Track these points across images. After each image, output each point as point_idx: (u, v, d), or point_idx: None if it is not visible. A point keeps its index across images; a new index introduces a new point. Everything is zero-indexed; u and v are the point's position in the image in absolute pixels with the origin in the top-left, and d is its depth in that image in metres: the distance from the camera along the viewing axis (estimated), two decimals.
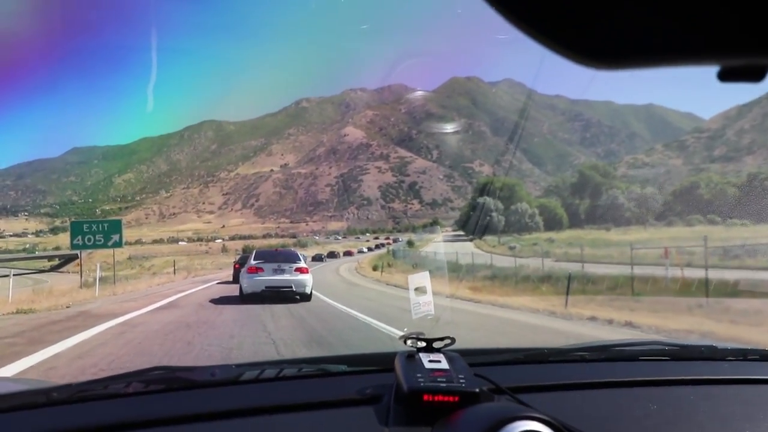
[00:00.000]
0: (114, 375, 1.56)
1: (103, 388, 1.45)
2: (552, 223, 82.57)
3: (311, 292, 14.53)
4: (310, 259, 65.22)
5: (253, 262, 14.55)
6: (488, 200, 75.37)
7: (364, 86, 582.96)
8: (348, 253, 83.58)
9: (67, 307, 14.53)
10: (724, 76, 0.39)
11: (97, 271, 22.69)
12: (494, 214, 76.89)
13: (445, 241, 77.18)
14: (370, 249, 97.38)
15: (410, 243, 71.01)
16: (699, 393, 1.47)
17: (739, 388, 1.52)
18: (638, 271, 18.75)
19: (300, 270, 14.29)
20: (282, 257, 14.81)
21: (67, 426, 1.25)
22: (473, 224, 70.71)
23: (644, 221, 73.37)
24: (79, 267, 28.30)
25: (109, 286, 22.93)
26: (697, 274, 15.34)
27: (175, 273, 40.06)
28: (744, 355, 1.79)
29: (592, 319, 10.56)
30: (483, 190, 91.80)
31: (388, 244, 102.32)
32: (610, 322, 10.10)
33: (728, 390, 1.50)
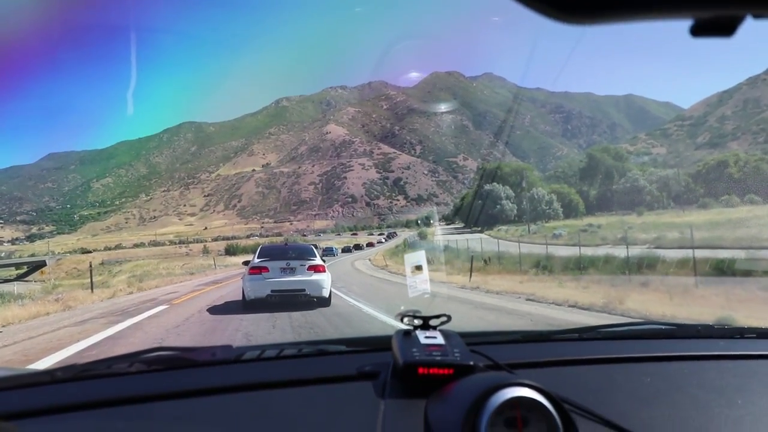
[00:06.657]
0: (117, 356, 1.57)
1: (107, 368, 1.46)
2: (567, 210, 76.70)
3: (330, 295, 12.15)
4: (340, 251, 72.31)
5: (256, 260, 12.10)
6: (497, 187, 69.53)
7: (344, 84, 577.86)
8: (370, 245, 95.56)
9: None
10: (697, 30, 0.39)
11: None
12: (505, 201, 71.38)
13: (447, 234, 71.80)
14: (386, 240, 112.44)
15: (423, 234, 66.02)
16: (693, 368, 1.49)
17: (734, 363, 1.52)
18: None
19: (315, 268, 11.93)
20: (292, 253, 12.46)
21: (71, 401, 1.26)
22: (485, 214, 64.84)
23: (666, 205, 68.46)
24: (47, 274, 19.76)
25: None
26: None
27: (92, 290, 21.60)
28: (741, 333, 1.78)
29: None
30: (489, 176, 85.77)
31: (394, 235, 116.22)
32: None
33: (723, 365, 1.51)
